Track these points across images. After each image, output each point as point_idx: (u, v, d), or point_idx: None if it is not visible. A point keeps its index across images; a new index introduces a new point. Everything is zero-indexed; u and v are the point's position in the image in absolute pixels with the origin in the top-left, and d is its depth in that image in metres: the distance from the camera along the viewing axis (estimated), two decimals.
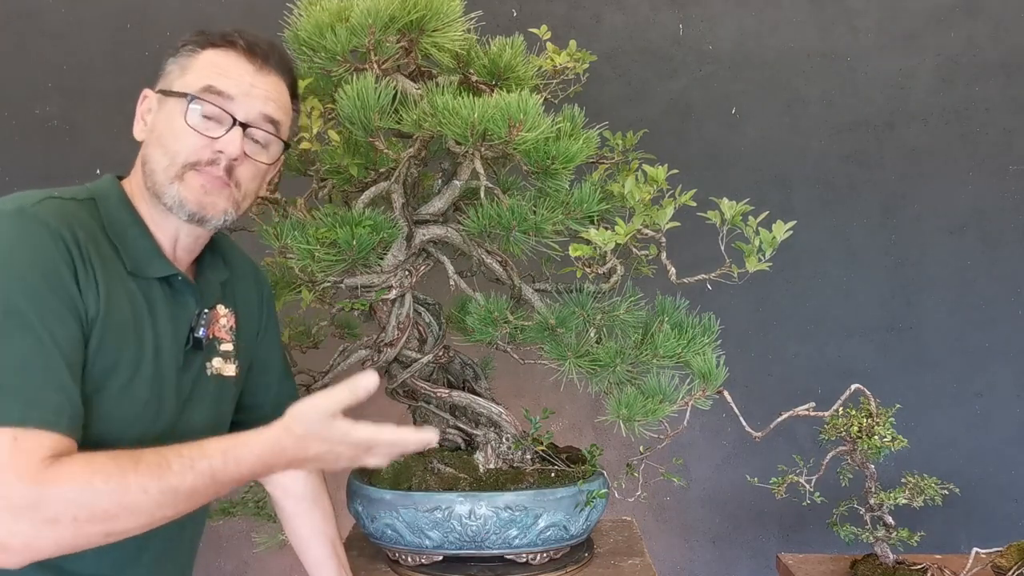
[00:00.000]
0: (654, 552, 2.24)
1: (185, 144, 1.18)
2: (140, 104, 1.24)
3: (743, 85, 2.83)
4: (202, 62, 1.21)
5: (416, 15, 1.49)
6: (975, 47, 2.80)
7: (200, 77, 1.19)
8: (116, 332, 1.10)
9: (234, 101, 1.20)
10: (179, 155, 1.18)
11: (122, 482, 0.98)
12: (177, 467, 1.02)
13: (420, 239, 1.65)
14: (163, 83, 1.22)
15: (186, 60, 1.21)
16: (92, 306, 1.07)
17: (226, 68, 1.21)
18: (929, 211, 2.83)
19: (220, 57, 1.21)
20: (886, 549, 1.65)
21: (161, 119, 1.20)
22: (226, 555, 2.79)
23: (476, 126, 1.42)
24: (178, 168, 1.18)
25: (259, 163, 1.24)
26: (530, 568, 1.64)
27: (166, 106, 1.20)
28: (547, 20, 1.79)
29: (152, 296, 1.18)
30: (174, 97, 1.19)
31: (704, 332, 1.56)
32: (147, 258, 1.18)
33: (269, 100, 1.23)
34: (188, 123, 1.17)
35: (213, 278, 1.30)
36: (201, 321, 1.23)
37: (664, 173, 1.51)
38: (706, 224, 1.47)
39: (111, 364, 1.10)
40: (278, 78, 1.25)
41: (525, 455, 1.70)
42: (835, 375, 2.78)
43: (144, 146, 1.22)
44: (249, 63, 1.22)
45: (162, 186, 1.18)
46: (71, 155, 2.71)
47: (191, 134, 1.18)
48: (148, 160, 1.20)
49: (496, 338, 1.61)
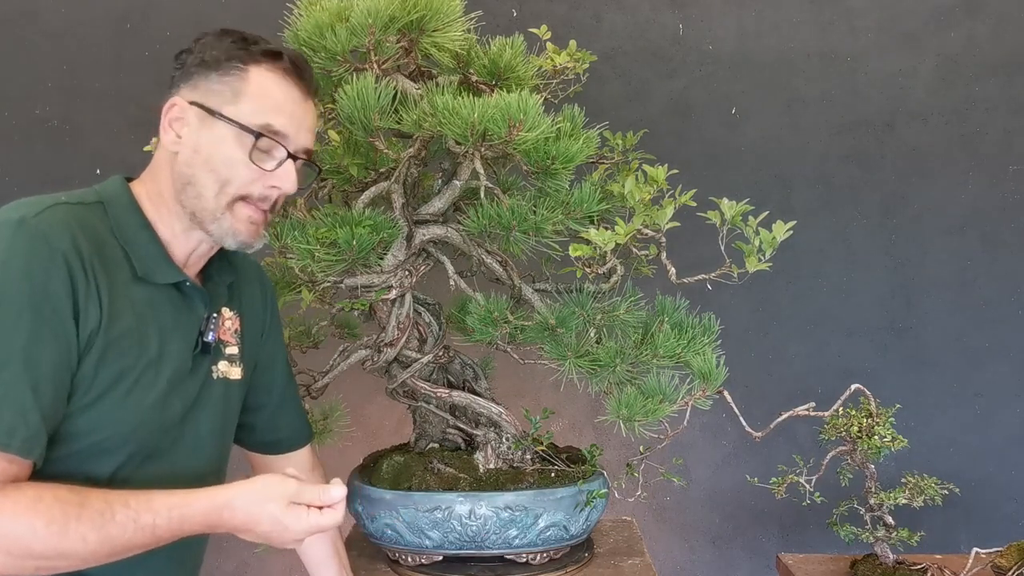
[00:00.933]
0: (654, 552, 2.24)
1: (240, 176, 1.17)
2: (168, 111, 1.19)
3: (743, 85, 2.83)
4: (255, 88, 1.18)
5: (416, 15, 1.49)
6: (975, 47, 2.80)
7: (257, 110, 1.17)
8: (120, 340, 1.10)
9: (289, 139, 1.20)
10: (232, 185, 1.17)
11: (63, 529, 0.99)
12: (120, 518, 1.03)
13: (420, 239, 1.65)
14: (207, 99, 1.17)
15: (236, 82, 1.17)
16: (93, 319, 1.06)
17: (280, 101, 1.19)
18: (929, 211, 2.83)
19: (271, 82, 1.19)
20: (886, 549, 1.65)
21: (210, 142, 1.17)
22: (226, 555, 2.79)
23: (476, 126, 1.42)
24: (230, 198, 1.17)
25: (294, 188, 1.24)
26: (530, 568, 1.64)
27: (216, 129, 1.16)
28: (547, 20, 1.79)
29: (160, 301, 1.17)
30: (228, 123, 1.16)
31: (704, 332, 1.56)
32: (155, 264, 1.17)
33: (312, 132, 1.25)
34: (252, 159, 1.16)
35: (220, 281, 1.30)
36: (210, 326, 1.23)
37: (664, 173, 1.51)
38: (706, 224, 1.47)
39: (116, 371, 1.10)
40: (314, 102, 1.26)
41: (525, 455, 1.70)
42: (835, 375, 2.78)
43: (181, 163, 1.18)
44: (297, 91, 1.21)
45: (211, 213, 1.18)
46: (71, 155, 2.71)
47: (249, 167, 1.17)
48: (194, 182, 1.17)
49: (496, 338, 1.61)
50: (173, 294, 1.20)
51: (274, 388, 1.44)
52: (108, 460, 1.12)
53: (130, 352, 1.11)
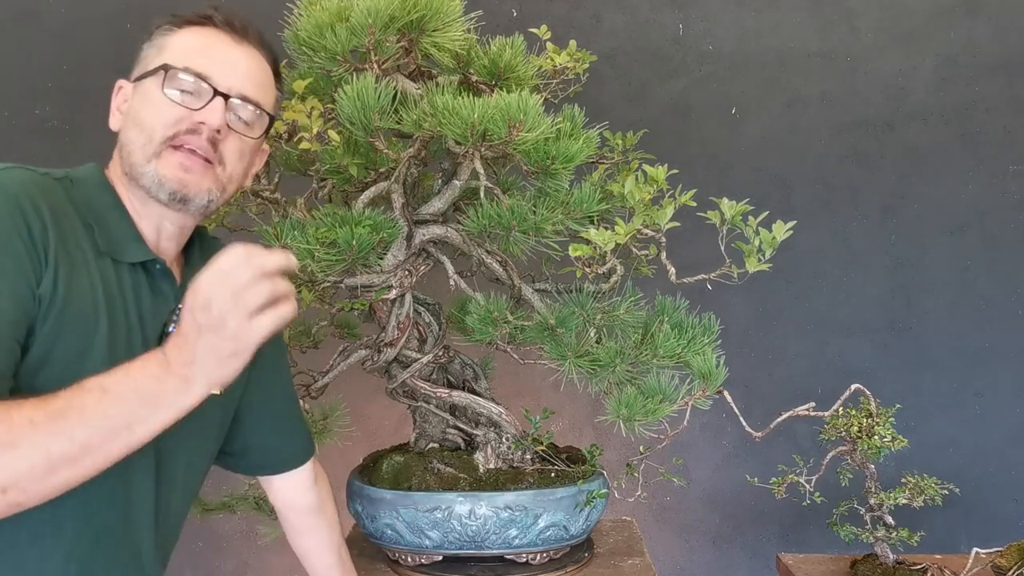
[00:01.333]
0: (654, 552, 2.24)
1: (162, 116, 1.13)
2: (115, 95, 1.21)
3: (743, 85, 2.83)
4: (178, 40, 1.17)
5: (416, 15, 1.49)
6: (975, 47, 2.80)
7: (178, 56, 1.15)
8: (81, 315, 1.05)
9: (213, 77, 1.16)
10: (156, 130, 1.13)
11: (4, 417, 0.90)
12: (63, 393, 0.93)
13: (420, 239, 1.65)
14: (138, 69, 1.19)
15: (161, 40, 1.18)
16: (49, 278, 1.01)
17: (205, 47, 1.17)
18: (929, 211, 2.83)
19: (197, 35, 1.18)
20: (886, 549, 1.65)
21: (136, 100, 1.17)
22: (226, 555, 2.79)
23: (476, 126, 1.42)
24: (156, 145, 1.13)
25: (245, 138, 1.19)
26: (530, 568, 1.64)
27: (141, 87, 1.17)
28: (547, 20, 1.79)
29: (128, 283, 1.13)
30: (149, 76, 1.15)
31: (704, 332, 1.56)
32: (124, 241, 1.14)
33: (250, 78, 1.20)
34: (165, 93, 1.13)
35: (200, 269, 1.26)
36: (174, 317, 1.16)
37: (664, 173, 1.51)
38: (706, 224, 1.47)
39: (79, 348, 1.04)
40: (258, 52, 1.22)
41: (525, 455, 1.70)
42: (835, 375, 2.78)
43: (121, 132, 1.18)
44: (228, 37, 1.19)
45: (139, 166, 1.14)
46: (71, 155, 2.69)
47: (169, 106, 1.13)
48: (125, 143, 1.16)
49: (496, 338, 1.61)
50: (141, 277, 1.15)
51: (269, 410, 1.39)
52: None
53: (97, 331, 1.06)
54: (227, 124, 1.16)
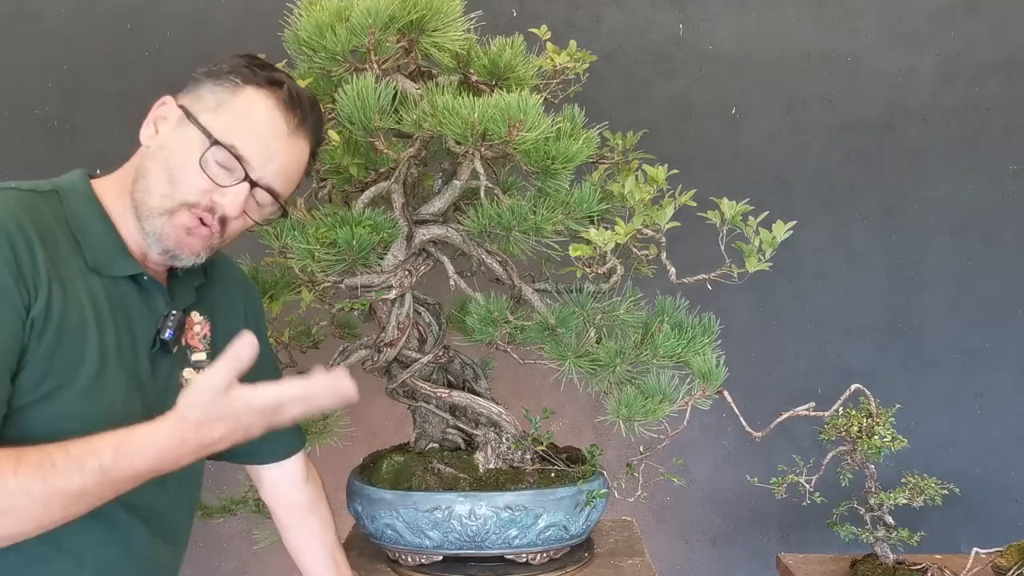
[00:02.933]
0: (654, 552, 2.24)
1: (191, 183, 1.14)
2: (157, 107, 1.18)
3: (743, 85, 2.83)
4: (241, 106, 1.15)
5: (416, 15, 1.49)
6: (975, 47, 2.80)
7: (231, 127, 1.14)
8: (75, 332, 1.06)
9: (252, 163, 1.16)
10: (181, 190, 1.14)
11: (2, 484, 0.93)
12: (62, 466, 0.96)
13: (420, 239, 1.65)
14: (192, 102, 1.16)
15: (225, 94, 1.16)
16: (41, 301, 1.02)
17: (259, 127, 1.16)
18: (929, 211, 2.83)
19: (259, 107, 1.16)
20: (886, 549, 1.65)
21: (177, 142, 1.15)
22: (226, 555, 2.79)
23: (476, 126, 1.42)
24: (175, 203, 1.14)
25: (250, 220, 1.21)
26: (530, 568, 1.64)
27: (187, 132, 1.15)
28: (547, 20, 1.79)
29: (116, 295, 1.14)
30: (198, 129, 1.14)
31: (704, 332, 1.56)
32: (110, 256, 1.14)
33: (285, 173, 1.21)
34: (201, 165, 1.13)
35: (187, 281, 1.25)
36: (168, 323, 1.18)
37: (664, 173, 1.51)
38: (706, 224, 1.47)
39: (71, 363, 1.06)
40: (305, 143, 1.22)
41: (525, 455, 1.70)
42: (835, 375, 2.78)
43: (146, 155, 1.17)
44: (284, 125, 1.18)
45: (151, 211, 1.14)
46: (71, 155, 2.71)
47: (201, 175, 1.13)
48: (147, 175, 1.15)
49: (496, 338, 1.61)
50: (131, 288, 1.16)
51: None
52: None
53: (87, 344, 1.07)
54: (243, 210, 1.18)
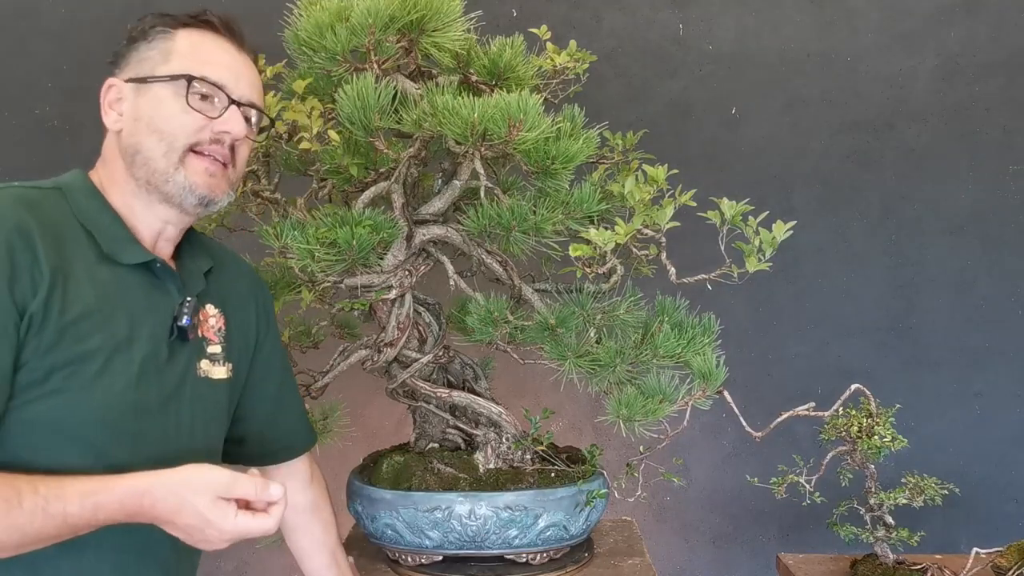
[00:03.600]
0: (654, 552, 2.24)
1: (184, 126, 1.17)
2: (106, 93, 1.21)
3: (743, 85, 2.83)
4: (183, 46, 1.19)
5: (416, 15, 1.49)
6: (975, 47, 2.80)
7: (189, 64, 1.18)
8: (80, 323, 1.07)
9: (228, 86, 1.20)
10: (178, 138, 1.17)
11: None
12: (28, 506, 0.97)
13: (420, 239, 1.65)
14: (139, 70, 1.19)
15: (164, 44, 1.20)
16: (39, 298, 1.03)
17: (211, 53, 1.20)
18: (929, 211, 2.83)
19: (199, 39, 1.21)
20: (886, 549, 1.65)
21: (147, 105, 1.17)
22: (226, 555, 2.79)
23: (476, 126, 1.42)
24: (179, 152, 1.17)
25: (251, 141, 1.26)
26: (530, 568, 1.64)
27: (152, 92, 1.17)
28: (547, 20, 1.79)
29: (129, 283, 1.15)
30: (162, 82, 1.17)
31: (704, 332, 1.56)
32: (122, 244, 1.16)
33: (253, 85, 1.26)
34: (190, 104, 1.16)
35: (194, 267, 1.27)
36: (184, 310, 1.19)
37: (664, 173, 1.51)
38: (706, 224, 1.47)
39: (78, 354, 1.06)
40: (249, 57, 1.27)
41: (525, 455, 1.70)
42: (835, 375, 2.78)
43: (126, 136, 1.18)
44: (230, 44, 1.23)
45: (164, 174, 1.17)
46: (71, 155, 2.69)
47: (191, 115, 1.17)
48: (140, 149, 1.17)
49: (496, 338, 1.61)
50: (144, 276, 1.17)
51: (267, 398, 1.41)
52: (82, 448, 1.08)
53: (93, 335, 1.08)
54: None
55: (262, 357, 1.40)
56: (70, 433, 1.06)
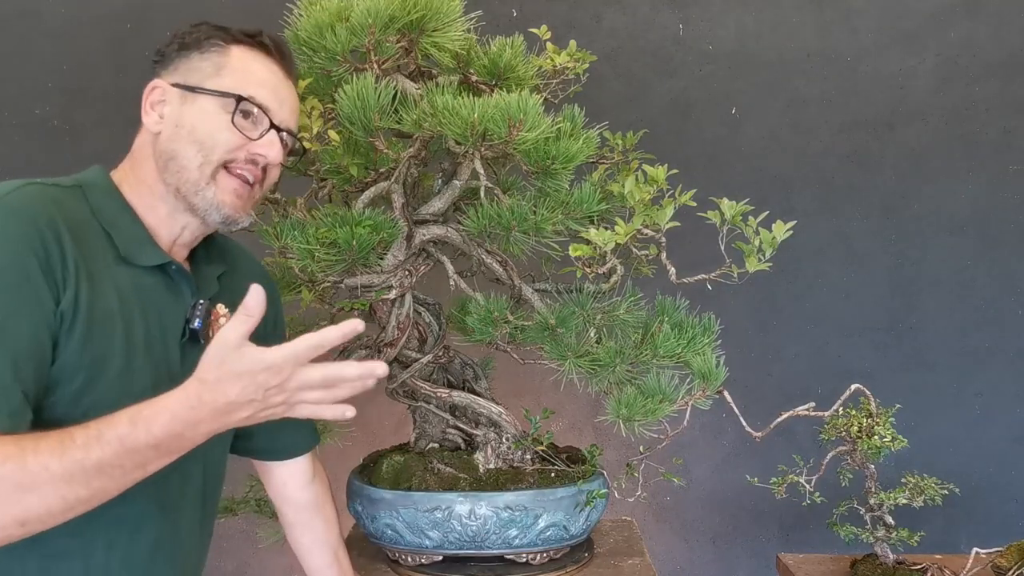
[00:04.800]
0: (654, 552, 2.24)
1: (223, 141, 1.18)
2: (149, 94, 1.21)
3: (743, 85, 2.83)
4: (236, 62, 1.21)
5: (416, 15, 1.49)
6: (975, 47, 2.80)
7: (239, 82, 1.20)
8: (104, 321, 1.08)
9: (272, 110, 1.22)
10: (215, 152, 1.18)
11: (20, 463, 0.93)
12: (81, 440, 0.96)
13: (420, 239, 1.65)
14: (189, 77, 1.20)
15: (217, 57, 1.21)
16: (71, 294, 1.04)
17: (261, 76, 1.22)
18: (929, 211, 2.82)
19: (252, 59, 1.22)
20: (886, 549, 1.65)
21: (191, 115, 1.18)
22: (226, 555, 2.79)
23: (476, 126, 1.42)
24: (213, 166, 1.18)
25: (280, 163, 1.27)
26: (530, 568, 1.64)
27: (198, 103, 1.18)
28: (547, 20, 1.78)
29: (145, 285, 1.15)
30: (210, 95, 1.18)
31: (704, 332, 1.56)
32: (139, 245, 1.16)
33: (294, 112, 1.28)
34: (234, 122, 1.18)
35: (209, 271, 1.28)
36: (196, 312, 1.20)
37: (664, 173, 1.51)
38: (706, 224, 1.47)
39: (102, 353, 1.07)
40: (294, 83, 1.29)
41: (525, 455, 1.70)
42: (835, 375, 2.78)
43: (164, 140, 1.19)
44: (279, 68, 1.25)
45: (195, 185, 1.18)
46: (71, 155, 2.71)
47: (233, 133, 1.18)
48: (176, 156, 1.18)
49: (496, 338, 1.61)
50: (159, 278, 1.18)
51: None
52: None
53: (115, 335, 1.09)
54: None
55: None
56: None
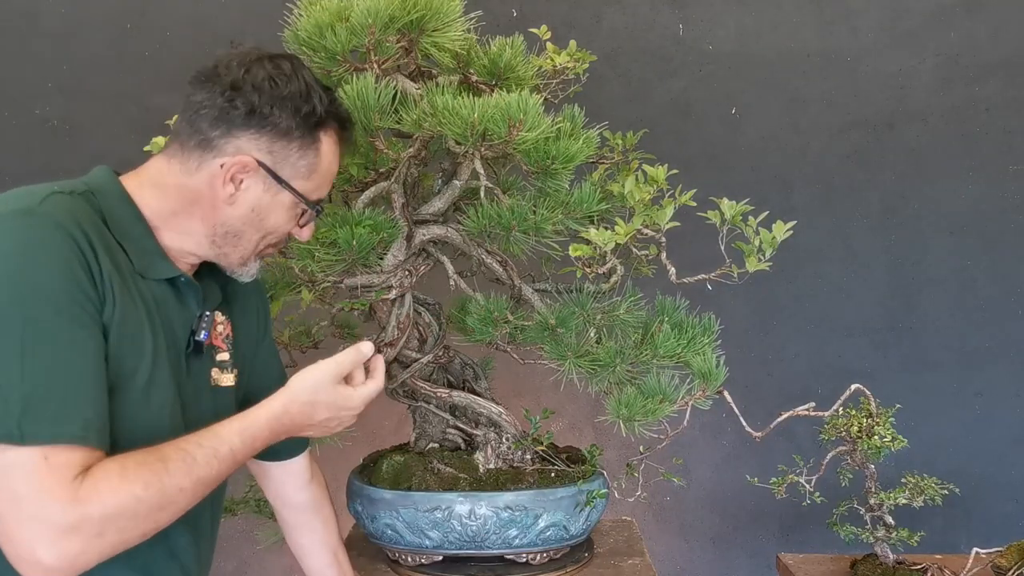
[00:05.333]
0: (654, 552, 2.24)
1: (281, 233, 1.25)
2: (237, 166, 1.16)
3: (743, 85, 2.83)
4: (324, 165, 1.23)
5: (416, 15, 1.49)
6: (975, 47, 2.80)
7: (320, 185, 1.24)
8: (132, 335, 1.08)
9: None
10: (270, 239, 1.24)
11: (160, 488, 1.01)
12: (202, 459, 1.06)
13: (420, 239, 1.65)
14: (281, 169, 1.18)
15: (312, 158, 1.20)
16: (108, 305, 1.05)
17: (333, 173, 1.27)
18: (929, 211, 2.83)
19: (333, 156, 1.25)
20: (886, 549, 1.65)
21: (270, 206, 1.20)
22: (226, 555, 2.80)
23: (476, 126, 1.42)
24: (263, 248, 1.24)
25: None
26: (530, 568, 1.64)
27: (280, 196, 1.20)
28: (547, 20, 1.78)
29: (156, 298, 1.15)
30: (296, 197, 1.21)
31: (704, 332, 1.56)
32: (151, 259, 1.16)
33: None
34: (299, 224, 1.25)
35: (214, 281, 1.28)
36: (203, 324, 1.21)
37: (664, 173, 1.51)
38: (706, 224, 1.47)
39: (131, 367, 1.08)
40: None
41: (525, 455, 1.70)
42: (835, 375, 2.78)
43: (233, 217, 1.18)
44: (342, 153, 1.29)
45: (243, 261, 1.24)
46: (71, 155, 2.71)
47: (291, 227, 1.25)
48: (240, 235, 1.21)
49: (496, 338, 1.61)
50: (169, 290, 1.18)
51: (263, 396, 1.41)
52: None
53: (142, 346, 1.10)
54: None
55: (261, 358, 1.41)
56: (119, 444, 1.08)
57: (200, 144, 1.16)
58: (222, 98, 1.14)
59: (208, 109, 1.15)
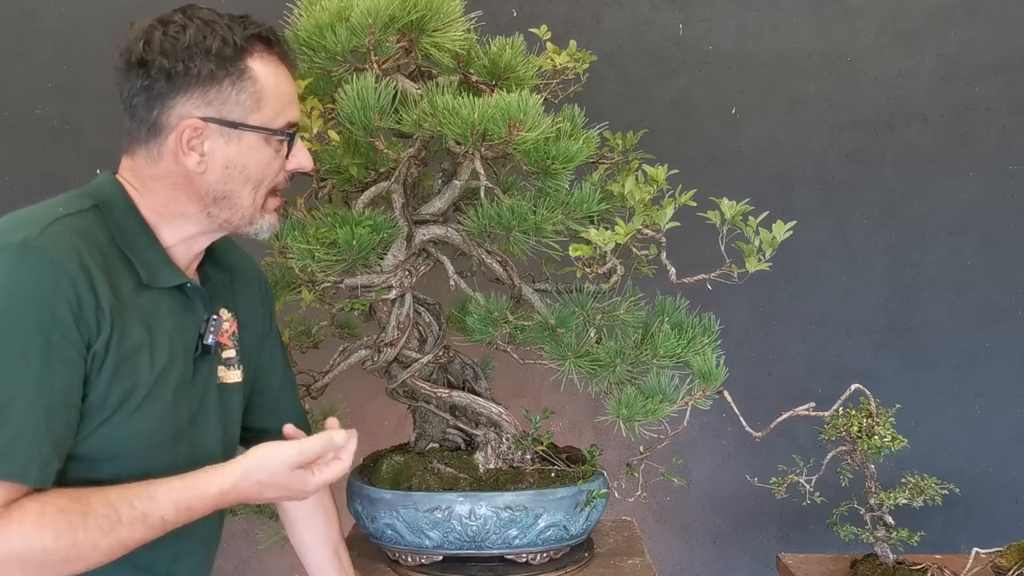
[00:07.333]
0: (654, 552, 2.24)
1: (273, 172, 1.20)
2: (186, 133, 1.13)
3: (743, 85, 2.83)
4: (270, 89, 1.16)
5: (416, 15, 1.49)
6: (975, 47, 2.80)
7: (279, 110, 1.18)
8: (132, 354, 1.09)
9: (298, 122, 1.24)
10: (264, 184, 1.20)
11: (72, 540, 0.99)
12: (127, 519, 1.03)
13: (420, 239, 1.65)
14: (228, 113, 1.14)
15: (251, 87, 1.15)
16: (103, 337, 1.05)
17: (289, 92, 1.22)
18: (929, 211, 2.82)
19: (277, 77, 1.18)
20: (886, 549, 1.65)
21: (239, 154, 1.15)
22: (226, 555, 2.79)
23: (476, 126, 1.42)
24: (263, 196, 1.20)
25: None
26: (530, 568, 1.64)
27: (244, 140, 1.15)
28: (547, 20, 1.78)
29: (164, 306, 1.16)
30: (258, 132, 1.16)
31: (704, 332, 1.56)
32: (159, 268, 1.16)
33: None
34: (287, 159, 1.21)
35: (218, 281, 1.29)
36: (211, 328, 1.21)
37: (664, 173, 1.51)
38: (706, 224, 1.47)
39: (129, 386, 1.09)
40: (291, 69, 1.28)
41: (525, 455, 1.70)
42: (835, 375, 2.78)
43: (213, 181, 1.16)
44: (288, 67, 1.22)
45: (251, 218, 1.21)
46: (71, 155, 2.71)
47: (279, 162, 1.20)
48: (230, 195, 1.17)
49: (496, 338, 1.61)
50: (175, 297, 1.18)
51: (269, 391, 1.43)
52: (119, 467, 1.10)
53: (141, 366, 1.10)
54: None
55: (267, 352, 1.41)
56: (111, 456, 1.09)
57: (149, 131, 1.15)
58: (140, 79, 1.14)
59: (136, 95, 1.15)
